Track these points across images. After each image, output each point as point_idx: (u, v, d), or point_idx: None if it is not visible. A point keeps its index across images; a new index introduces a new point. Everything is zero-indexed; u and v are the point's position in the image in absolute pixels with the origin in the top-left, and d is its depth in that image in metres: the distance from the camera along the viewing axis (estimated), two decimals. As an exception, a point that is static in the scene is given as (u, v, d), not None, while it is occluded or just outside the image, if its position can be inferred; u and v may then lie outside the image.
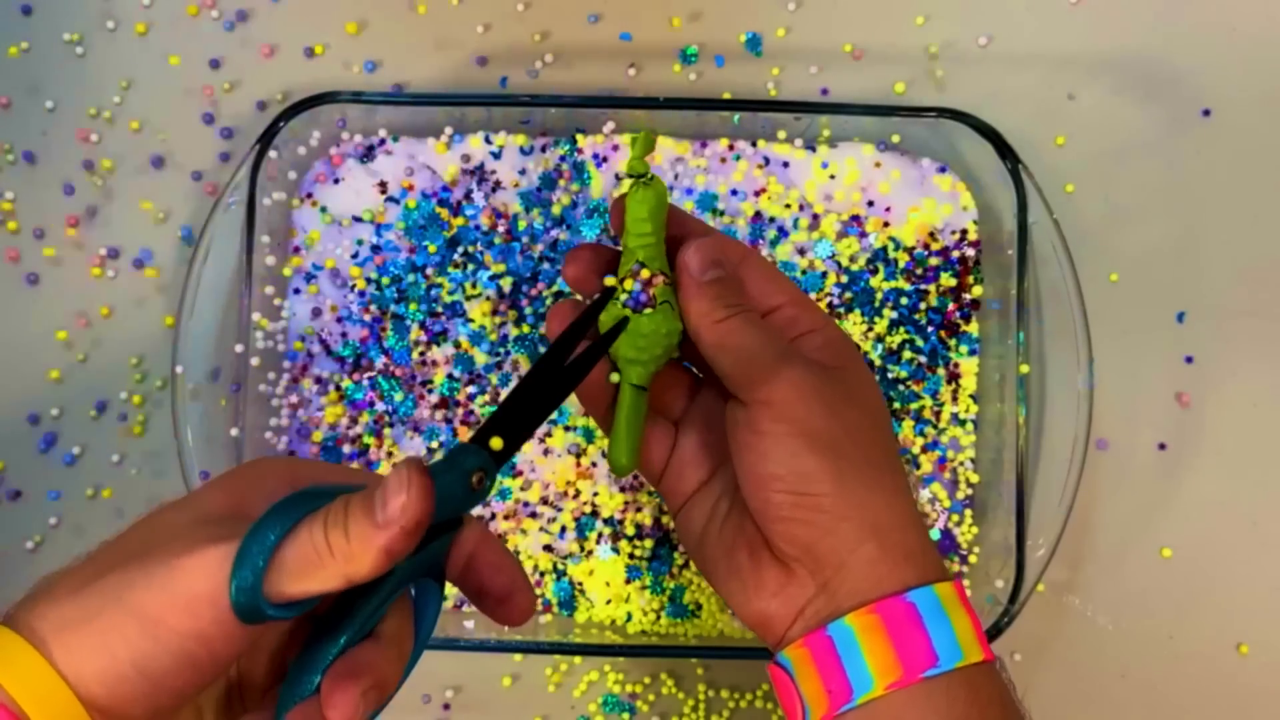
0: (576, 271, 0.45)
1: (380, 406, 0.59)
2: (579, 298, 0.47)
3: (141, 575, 0.33)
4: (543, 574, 0.59)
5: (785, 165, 0.60)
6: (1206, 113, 0.62)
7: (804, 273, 0.60)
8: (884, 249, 0.60)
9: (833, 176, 0.60)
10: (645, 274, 0.44)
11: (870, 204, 0.60)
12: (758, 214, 0.60)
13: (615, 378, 0.45)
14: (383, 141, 0.60)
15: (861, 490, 0.41)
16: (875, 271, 0.59)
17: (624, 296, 0.44)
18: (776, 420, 0.41)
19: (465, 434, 0.59)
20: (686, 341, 0.45)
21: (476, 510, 0.59)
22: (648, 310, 0.43)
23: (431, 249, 0.59)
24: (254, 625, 0.33)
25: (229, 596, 0.32)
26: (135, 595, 0.33)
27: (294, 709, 0.34)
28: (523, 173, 0.60)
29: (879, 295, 0.59)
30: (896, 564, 0.41)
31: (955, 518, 0.59)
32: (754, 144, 0.60)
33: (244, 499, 0.36)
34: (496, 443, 0.38)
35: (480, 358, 0.59)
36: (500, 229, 0.60)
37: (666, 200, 0.44)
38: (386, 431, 0.59)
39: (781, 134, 0.60)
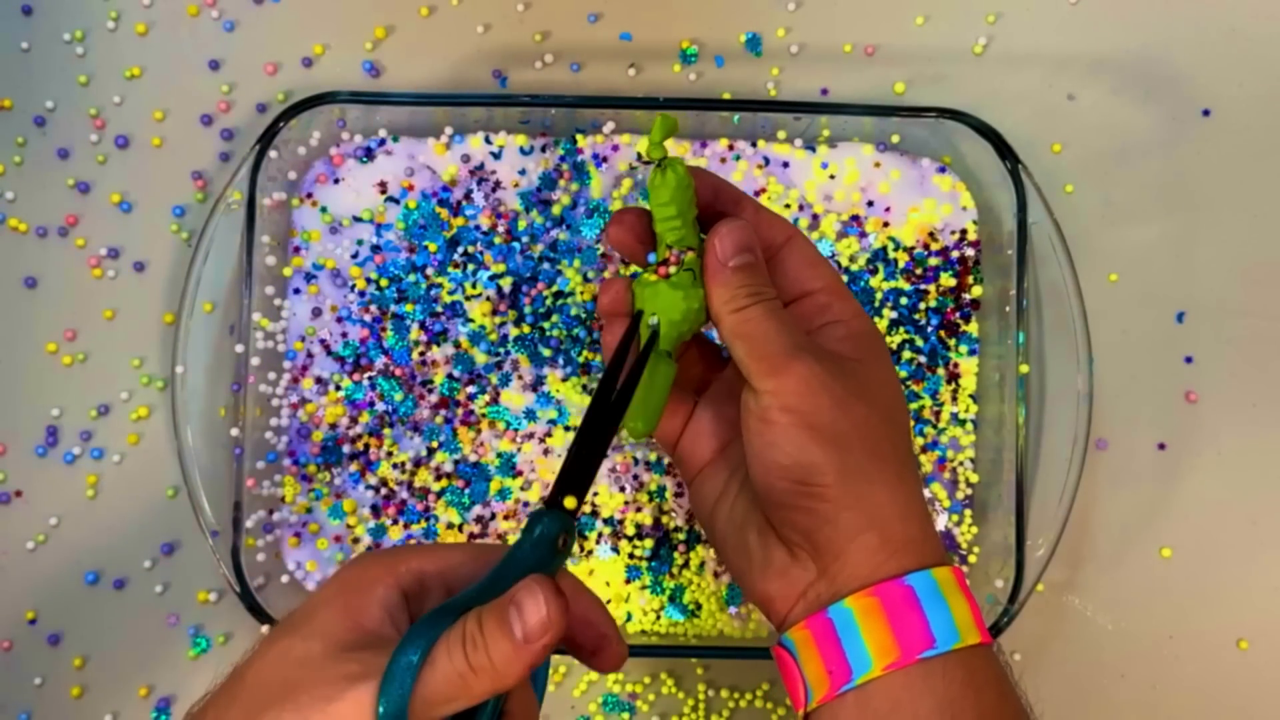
0: (619, 234, 0.45)
1: (380, 406, 0.59)
2: (626, 272, 0.47)
3: None
4: (543, 574, 0.59)
5: (785, 165, 0.60)
6: (1206, 113, 0.62)
7: (804, 273, 0.60)
8: (884, 249, 0.60)
9: (832, 176, 0.60)
10: (670, 254, 0.44)
11: (870, 204, 0.60)
12: (758, 214, 0.60)
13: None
14: (383, 141, 0.60)
15: (864, 483, 0.42)
16: (875, 271, 0.59)
17: (655, 273, 0.44)
18: (784, 411, 0.42)
19: (465, 434, 0.59)
20: None
21: (479, 510, 0.59)
22: (674, 276, 0.44)
23: (432, 249, 0.59)
24: None
25: None
26: None
27: None
28: (523, 173, 0.60)
29: (879, 295, 0.59)
30: (896, 551, 0.42)
31: (955, 518, 0.59)
32: (754, 144, 0.60)
33: (360, 612, 0.38)
34: (570, 502, 0.39)
35: (480, 358, 0.59)
36: (500, 229, 0.60)
37: (689, 181, 0.44)
38: (386, 431, 0.59)
39: (781, 134, 0.60)
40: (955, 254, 0.60)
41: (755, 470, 0.43)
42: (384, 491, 0.59)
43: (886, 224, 0.60)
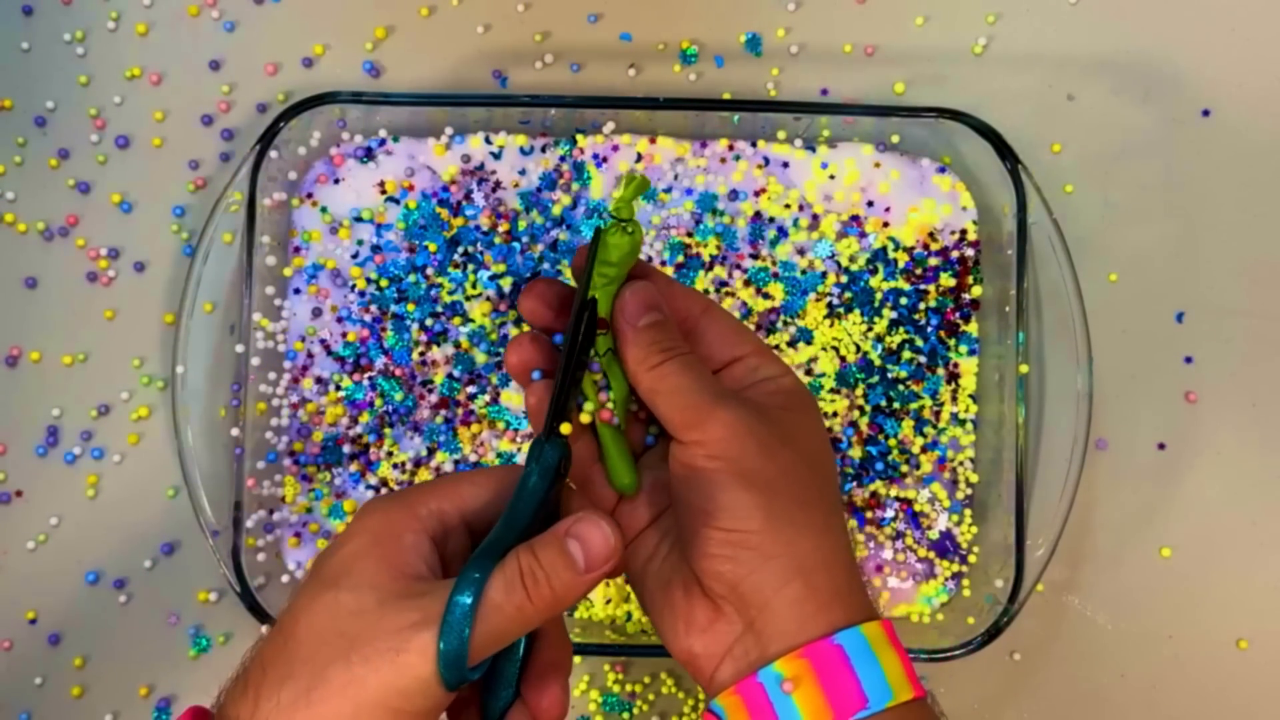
0: (533, 304, 0.45)
1: (380, 406, 0.59)
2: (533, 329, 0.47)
3: (371, 674, 0.37)
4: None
5: (785, 165, 0.60)
6: (1206, 113, 0.62)
7: (804, 273, 0.60)
8: (884, 249, 0.60)
9: (832, 176, 0.60)
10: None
11: (870, 204, 0.60)
12: (758, 214, 0.60)
13: (585, 418, 0.45)
14: (383, 141, 0.60)
15: (790, 529, 0.42)
16: (875, 271, 0.59)
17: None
18: (710, 457, 0.41)
19: (465, 434, 0.59)
20: None
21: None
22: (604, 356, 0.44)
23: (432, 249, 0.59)
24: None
25: (440, 675, 0.37)
26: (369, 694, 0.37)
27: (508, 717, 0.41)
28: (523, 173, 0.60)
29: (879, 295, 0.59)
30: (823, 605, 0.41)
31: (955, 518, 0.59)
32: (754, 144, 0.60)
33: (399, 561, 0.39)
34: (566, 428, 0.42)
35: (480, 358, 0.59)
36: (500, 229, 0.60)
37: (640, 250, 0.44)
38: (386, 431, 0.59)
39: (781, 134, 0.60)
40: (955, 254, 0.60)
41: (683, 520, 0.43)
42: (384, 492, 0.59)
43: (886, 224, 0.60)
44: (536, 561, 0.38)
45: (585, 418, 0.44)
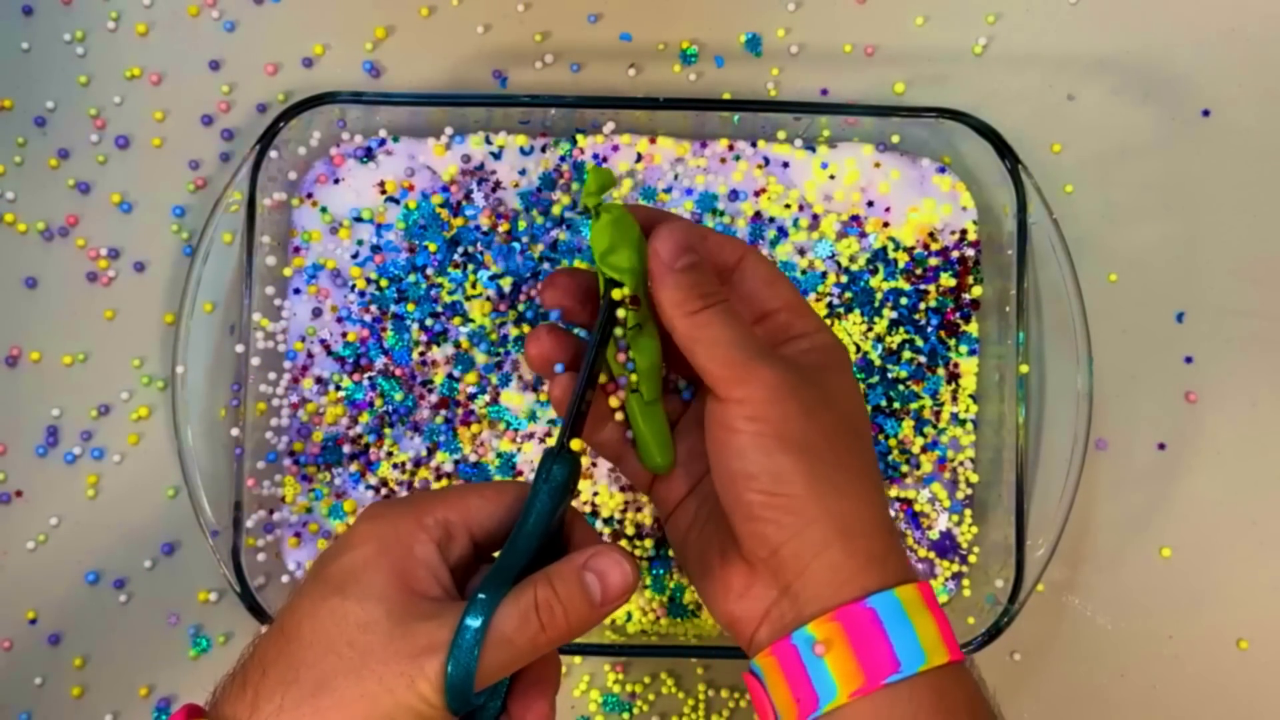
0: (554, 297, 0.44)
1: (380, 406, 0.59)
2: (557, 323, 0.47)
3: (386, 694, 0.37)
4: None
5: (785, 165, 0.60)
6: (1206, 113, 0.62)
7: (804, 273, 0.60)
8: (884, 249, 0.60)
9: (832, 177, 0.60)
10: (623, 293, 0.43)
11: (870, 204, 0.60)
12: (758, 214, 0.60)
13: (614, 403, 0.44)
14: (383, 141, 0.60)
15: (832, 494, 0.41)
16: (875, 271, 0.59)
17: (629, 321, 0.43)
18: (751, 419, 0.40)
19: (465, 434, 0.59)
20: (676, 352, 0.44)
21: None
22: (642, 328, 0.43)
23: (432, 249, 0.59)
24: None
25: (446, 703, 0.37)
26: (381, 710, 0.37)
27: None
28: (523, 173, 0.60)
29: (879, 295, 0.59)
30: (860, 569, 0.41)
31: (955, 518, 0.59)
32: (754, 144, 0.60)
33: (408, 574, 0.39)
34: (577, 444, 0.41)
35: (480, 358, 0.59)
36: (500, 229, 0.60)
37: (631, 225, 0.42)
38: (386, 431, 0.59)
39: (781, 134, 0.60)
40: (955, 254, 0.60)
41: (722, 484, 0.42)
42: (384, 492, 0.59)
43: (886, 224, 0.60)
44: (554, 595, 0.38)
45: (614, 401, 0.43)
